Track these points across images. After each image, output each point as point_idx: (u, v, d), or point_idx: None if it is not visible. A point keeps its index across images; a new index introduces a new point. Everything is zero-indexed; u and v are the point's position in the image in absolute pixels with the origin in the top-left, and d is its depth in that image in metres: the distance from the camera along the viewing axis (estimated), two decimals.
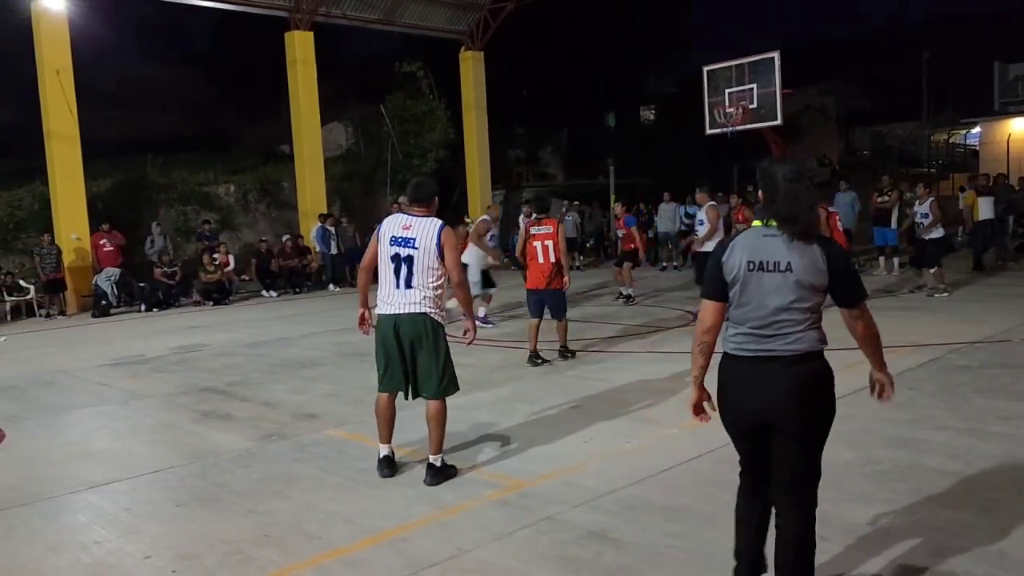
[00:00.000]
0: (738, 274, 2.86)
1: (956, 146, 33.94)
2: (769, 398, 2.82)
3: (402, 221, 4.77)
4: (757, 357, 2.85)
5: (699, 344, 3.01)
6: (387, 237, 4.76)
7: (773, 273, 2.81)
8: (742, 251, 2.86)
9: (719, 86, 15.50)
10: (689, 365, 3.12)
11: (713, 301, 2.95)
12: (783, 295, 2.80)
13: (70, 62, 15.66)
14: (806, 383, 2.81)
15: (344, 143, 25.36)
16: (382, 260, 4.78)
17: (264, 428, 6.24)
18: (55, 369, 9.46)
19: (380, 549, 3.86)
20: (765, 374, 2.83)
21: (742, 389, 2.89)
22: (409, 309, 4.73)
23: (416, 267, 4.68)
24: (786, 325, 2.81)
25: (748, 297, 2.86)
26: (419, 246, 4.69)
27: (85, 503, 4.74)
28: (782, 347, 2.81)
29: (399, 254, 4.72)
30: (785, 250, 2.80)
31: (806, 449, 2.87)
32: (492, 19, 22.10)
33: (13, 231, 16.79)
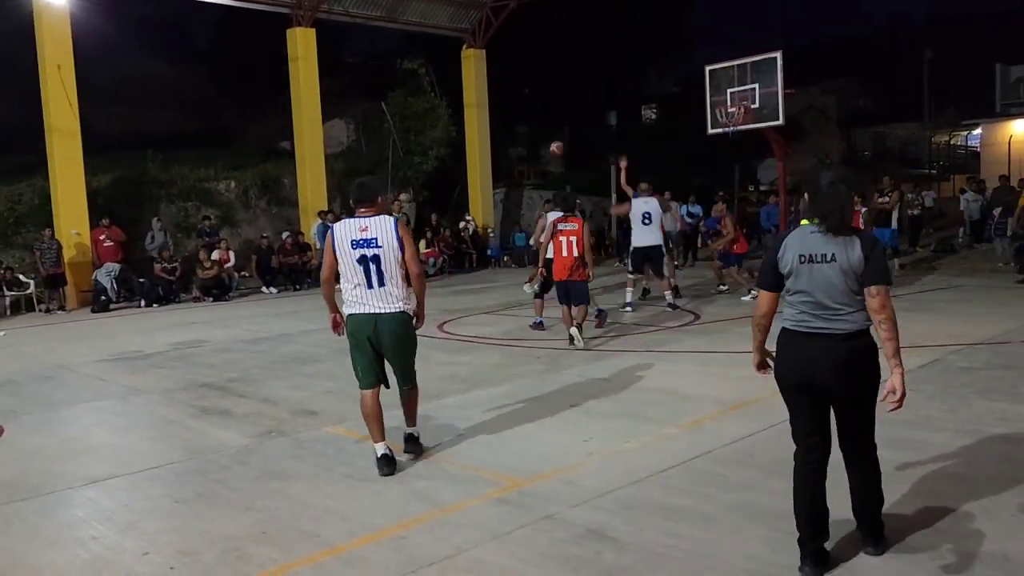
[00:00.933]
0: (792, 267, 3.37)
1: (957, 147, 33.91)
2: (825, 367, 3.32)
3: (357, 224, 4.89)
4: (814, 333, 3.35)
5: (756, 324, 3.59)
6: (346, 242, 4.86)
7: (822, 264, 3.32)
8: (794, 248, 3.39)
9: (721, 86, 15.46)
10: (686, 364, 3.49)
11: (768, 292, 3.51)
12: (836, 282, 3.30)
13: (71, 57, 15.66)
14: (857, 356, 3.33)
15: (345, 140, 25.35)
16: (346, 265, 4.87)
17: (263, 425, 6.23)
18: (54, 364, 9.45)
19: (378, 547, 3.85)
20: (822, 347, 3.33)
21: (801, 356, 3.39)
22: (389, 308, 4.90)
23: (384, 265, 4.85)
24: (842, 308, 3.31)
25: (803, 285, 3.36)
26: (382, 244, 4.84)
27: (83, 498, 4.74)
28: (836, 326, 3.32)
29: (365, 255, 4.83)
30: (829, 243, 3.31)
31: (860, 409, 3.42)
32: (494, 17, 22.08)
33: (13, 226, 16.79)
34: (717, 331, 9.65)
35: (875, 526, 3.53)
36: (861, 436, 3.48)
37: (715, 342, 8.88)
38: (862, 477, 3.50)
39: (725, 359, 7.92)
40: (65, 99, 15.53)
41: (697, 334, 9.58)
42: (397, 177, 22.96)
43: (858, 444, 3.48)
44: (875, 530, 3.53)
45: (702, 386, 6.84)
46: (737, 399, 6.26)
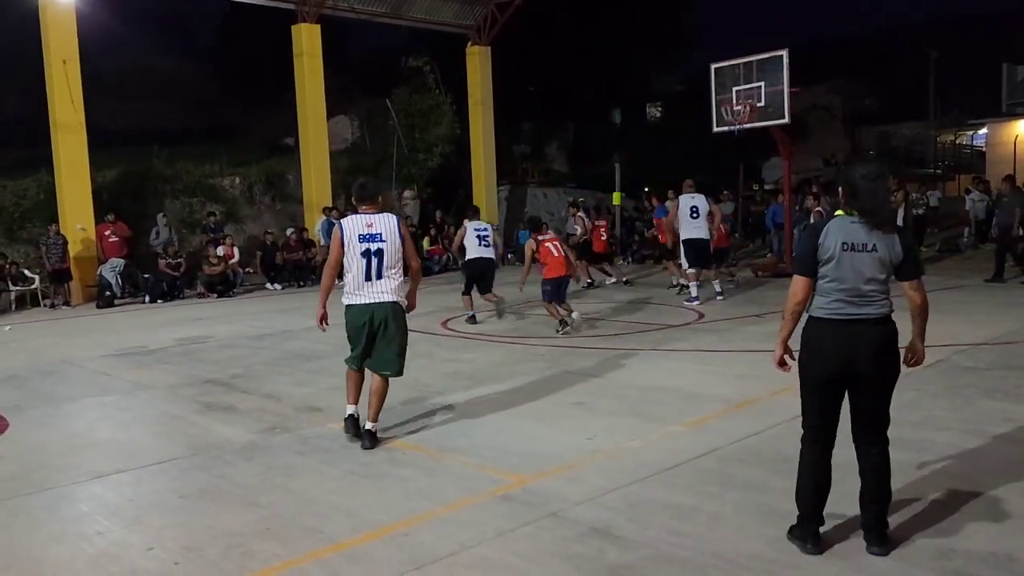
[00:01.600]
0: (834, 253, 3.47)
1: (963, 147, 33.80)
2: (862, 351, 3.46)
3: (364, 220, 5.31)
4: (851, 320, 3.48)
5: (791, 311, 3.61)
6: (355, 236, 5.26)
7: (863, 253, 3.46)
8: (836, 234, 3.49)
9: (726, 84, 15.43)
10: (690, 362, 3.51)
11: (805, 277, 3.56)
12: (871, 270, 3.46)
13: (77, 52, 15.65)
14: (888, 339, 3.51)
15: (350, 137, 25.34)
16: (352, 257, 5.27)
17: (267, 421, 6.24)
18: (59, 359, 9.47)
19: (381, 544, 3.85)
20: (858, 333, 3.48)
21: (836, 344, 3.50)
22: (381, 299, 5.29)
23: (385, 259, 5.25)
24: (873, 294, 3.48)
25: (843, 272, 3.47)
26: (386, 239, 5.26)
27: (88, 493, 4.74)
28: (871, 311, 3.49)
29: (369, 249, 5.24)
30: (871, 235, 3.46)
31: (883, 395, 3.57)
32: (499, 14, 22.04)
33: (19, 221, 16.83)
34: (722, 329, 9.64)
35: (881, 523, 3.58)
36: (878, 427, 3.60)
37: (720, 340, 8.87)
38: (875, 470, 3.58)
39: (730, 357, 7.91)
40: (71, 94, 15.52)
41: (701, 332, 9.57)
42: (401, 174, 22.96)
43: (874, 435, 3.60)
44: (880, 528, 3.57)
45: (707, 384, 6.83)
46: (742, 397, 6.25)
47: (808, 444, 3.65)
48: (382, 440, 5.45)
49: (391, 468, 4.95)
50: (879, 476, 3.59)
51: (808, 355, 3.58)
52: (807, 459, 3.64)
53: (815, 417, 3.62)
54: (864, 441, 3.61)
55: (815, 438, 3.62)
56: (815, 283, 3.54)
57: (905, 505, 4.00)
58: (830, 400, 3.58)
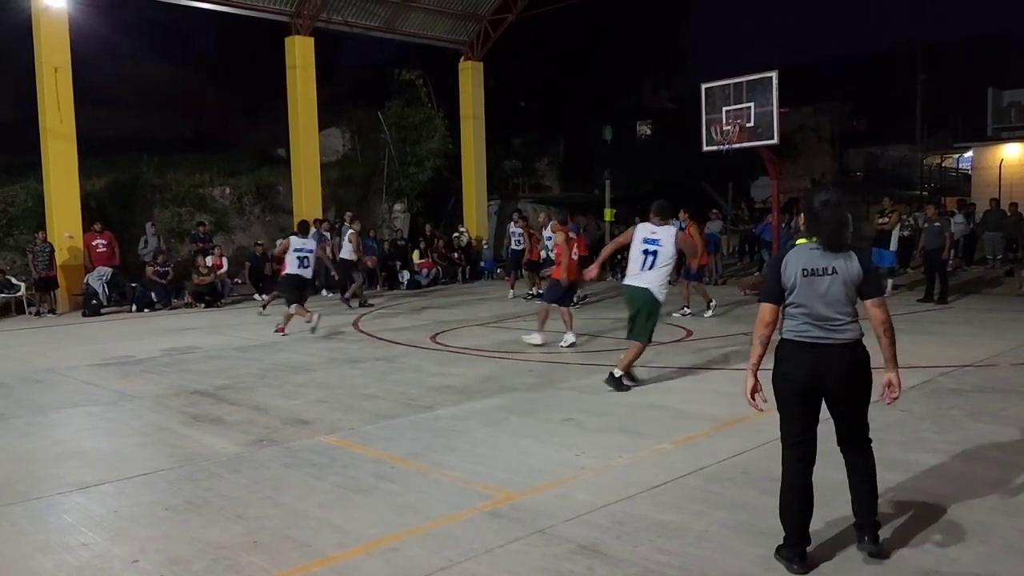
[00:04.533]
0: (795, 280, 3.60)
1: (949, 170, 34.13)
2: (830, 375, 3.56)
3: (651, 228, 7.42)
4: (817, 343, 3.58)
5: (759, 337, 3.71)
6: (641, 237, 7.38)
7: (823, 277, 3.56)
8: (795, 263, 3.61)
9: (716, 103, 15.56)
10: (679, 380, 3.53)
11: (769, 304, 3.69)
12: (832, 293, 3.55)
13: (69, 60, 15.62)
14: (857, 363, 3.58)
15: (341, 149, 25.36)
16: (636, 250, 7.36)
17: (254, 433, 6.21)
18: (44, 367, 9.40)
19: (369, 558, 3.84)
20: (827, 358, 3.56)
21: (804, 366, 3.59)
22: (643, 284, 7.30)
23: (658, 259, 7.27)
24: (839, 318, 3.56)
25: (805, 297, 3.59)
26: (662, 244, 7.27)
27: (73, 504, 4.70)
28: (838, 337, 3.56)
29: (647, 249, 7.30)
30: (828, 258, 3.57)
31: (859, 410, 3.69)
32: (492, 30, 22.19)
33: (6, 228, 16.72)
34: (710, 348, 9.68)
35: (873, 522, 3.70)
36: (859, 433, 3.74)
37: (708, 359, 8.90)
38: (860, 473, 3.72)
39: (718, 376, 7.94)
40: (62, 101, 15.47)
41: (690, 351, 9.60)
42: (392, 187, 22.98)
43: (856, 440, 3.74)
44: (872, 527, 3.69)
45: (695, 402, 6.86)
46: (730, 416, 6.27)
47: (790, 462, 3.70)
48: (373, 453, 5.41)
49: (379, 482, 4.94)
50: (866, 477, 3.72)
51: (778, 375, 3.69)
52: (790, 477, 3.69)
53: (793, 434, 3.69)
54: (848, 447, 3.76)
55: (796, 455, 3.68)
56: (782, 309, 3.69)
57: (891, 526, 4.02)
58: (804, 414, 3.66)
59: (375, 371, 8.69)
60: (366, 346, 10.58)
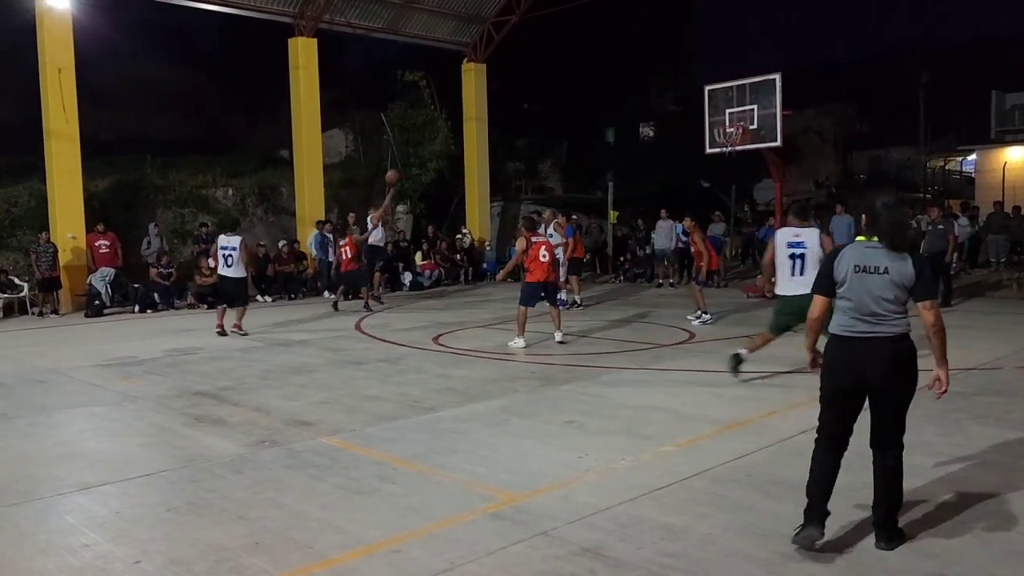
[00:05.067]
0: (846, 275, 3.77)
1: (952, 172, 34.10)
2: (873, 368, 3.70)
3: (793, 231, 7.38)
4: (863, 337, 3.73)
5: (810, 328, 4.04)
6: (784, 242, 7.33)
7: (874, 275, 3.73)
8: (849, 259, 3.79)
9: (720, 106, 15.57)
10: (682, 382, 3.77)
11: (823, 296, 3.91)
12: (882, 290, 3.70)
13: (72, 61, 15.64)
14: (900, 356, 3.72)
15: (344, 150, 25.37)
16: (782, 256, 7.34)
17: (256, 434, 6.20)
18: (47, 368, 9.40)
19: (371, 560, 3.82)
20: (870, 350, 3.71)
21: (850, 360, 3.75)
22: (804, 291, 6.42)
23: (807, 261, 7.15)
24: (886, 314, 3.71)
25: (854, 292, 3.75)
26: (808, 247, 7.18)
27: (75, 505, 4.70)
28: (883, 330, 3.71)
29: (794, 253, 7.25)
30: (883, 258, 3.73)
31: (898, 407, 3.79)
32: (495, 32, 22.19)
33: (9, 228, 16.73)
34: (713, 350, 9.65)
35: (889, 522, 3.82)
36: (892, 434, 3.83)
37: (711, 361, 8.88)
38: (887, 474, 3.83)
39: (721, 378, 7.92)
40: (65, 102, 15.48)
41: (693, 353, 9.58)
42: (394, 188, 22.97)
43: (888, 442, 3.83)
44: (888, 527, 3.81)
45: (698, 405, 6.84)
46: (733, 418, 6.25)
47: (821, 448, 3.90)
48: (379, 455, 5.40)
49: (381, 484, 4.93)
50: (891, 480, 3.83)
51: (825, 369, 3.87)
52: (818, 461, 3.88)
53: (830, 426, 3.88)
54: (881, 447, 3.86)
55: (829, 445, 3.88)
56: (832, 302, 3.89)
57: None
58: (844, 411, 3.83)
59: (377, 373, 8.68)
60: (368, 348, 10.57)
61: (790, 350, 9.41)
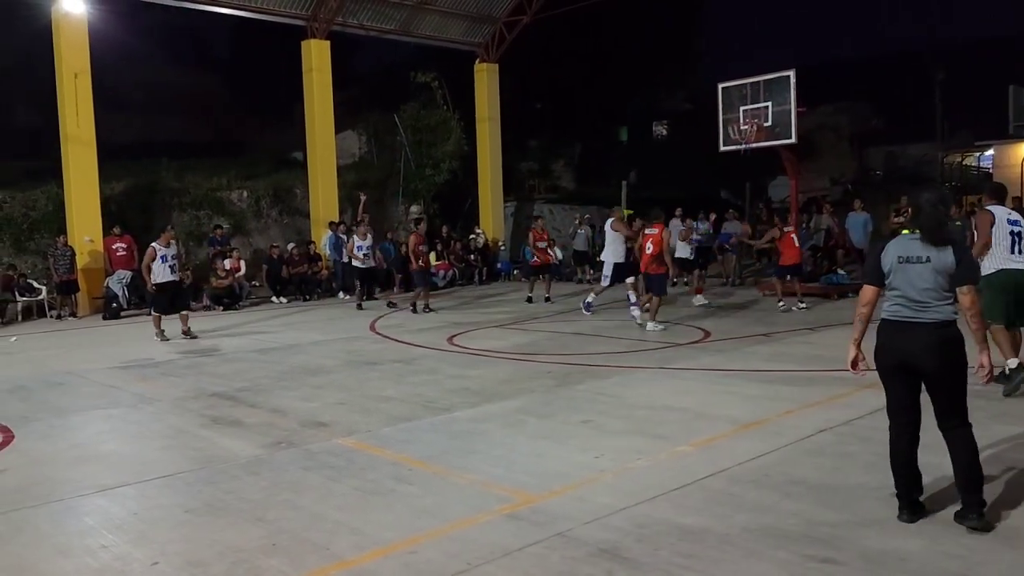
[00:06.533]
0: (892, 266, 4.05)
1: (970, 168, 33.76)
2: (918, 351, 3.95)
3: (1005, 210, 7.33)
4: (908, 322, 4.00)
5: (859, 316, 4.20)
6: (1004, 218, 7.14)
7: (917, 264, 3.98)
8: (894, 251, 4.06)
9: (734, 103, 15.48)
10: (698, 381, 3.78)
11: (872, 286, 4.16)
12: (925, 280, 3.95)
13: (88, 65, 15.78)
14: (945, 340, 3.93)
15: (357, 151, 25.44)
16: (1002, 232, 7.06)
17: (273, 435, 6.22)
18: (65, 370, 9.48)
19: (387, 561, 3.82)
20: (916, 335, 3.96)
21: (898, 341, 4.02)
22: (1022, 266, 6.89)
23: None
24: (930, 301, 3.94)
25: (899, 281, 4.02)
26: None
27: (93, 506, 4.73)
28: (927, 316, 3.95)
29: (1014, 230, 7.07)
30: (926, 248, 3.96)
31: (952, 389, 4.01)
32: (507, 32, 22.19)
33: (27, 232, 16.89)
34: (729, 349, 9.60)
35: (977, 500, 3.93)
36: (952, 413, 4.01)
37: (727, 360, 8.83)
38: (960, 451, 3.98)
39: (738, 377, 7.88)
40: (81, 107, 15.61)
41: (708, 351, 9.53)
42: (408, 189, 23.02)
43: (951, 420, 4.01)
44: (977, 504, 3.92)
45: (715, 404, 6.79)
46: (751, 418, 6.21)
47: (894, 434, 4.16)
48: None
49: (397, 485, 4.93)
50: (964, 459, 3.97)
51: (877, 350, 4.11)
52: (893, 445, 4.14)
53: (891, 402, 4.15)
54: (944, 427, 4.05)
55: (895, 424, 4.13)
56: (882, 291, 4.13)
57: (917, 529, 3.95)
58: (899, 387, 4.08)
59: (392, 373, 8.69)
60: (383, 348, 10.59)
61: (806, 348, 9.36)
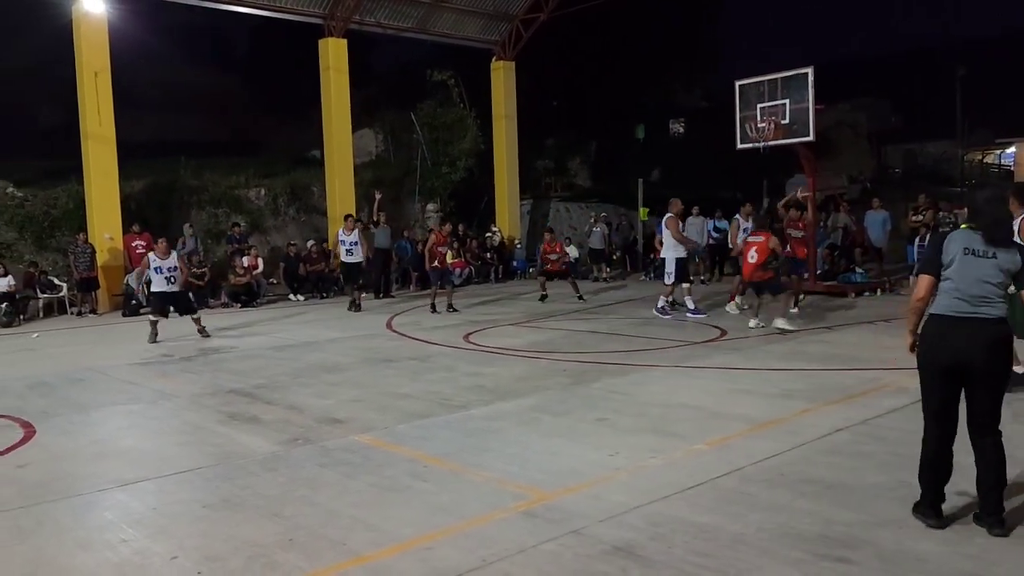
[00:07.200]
0: (954, 257, 3.93)
1: (990, 166, 33.44)
2: (974, 347, 3.85)
3: None
4: (965, 317, 3.88)
5: (914, 308, 4.11)
6: None
7: (983, 259, 3.90)
8: (958, 242, 3.95)
9: (751, 101, 15.39)
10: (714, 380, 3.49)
11: (929, 276, 4.03)
12: (987, 274, 3.88)
13: (108, 65, 15.92)
14: (999, 339, 3.90)
15: (374, 150, 25.53)
16: None
17: (290, 432, 6.26)
18: (85, 367, 9.58)
19: (404, 557, 3.85)
20: (972, 330, 3.86)
21: (951, 339, 3.90)
22: None
23: None
24: (989, 297, 3.88)
25: (961, 274, 3.91)
26: None
27: (113, 501, 4.79)
28: (985, 311, 3.88)
29: None
30: (988, 245, 3.91)
31: (996, 389, 3.93)
32: (524, 30, 22.19)
33: (48, 229, 17.08)
34: (744, 347, 9.57)
35: (997, 509, 3.86)
36: (990, 415, 3.94)
37: (743, 359, 8.81)
38: (988, 459, 3.91)
39: (753, 376, 7.85)
40: (102, 105, 15.77)
41: (724, 350, 9.50)
42: (425, 187, 23.09)
43: (987, 423, 3.93)
44: (998, 512, 3.86)
45: (730, 403, 6.78)
46: (766, 417, 6.20)
47: (929, 431, 4.03)
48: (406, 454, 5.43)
49: (413, 482, 4.96)
50: (993, 465, 3.91)
51: (925, 347, 4.01)
52: (926, 440, 4.03)
53: (930, 402, 4.02)
54: (977, 433, 3.95)
55: (933, 425, 4.01)
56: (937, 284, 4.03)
57: (923, 534, 3.94)
58: (945, 387, 3.97)
59: (408, 371, 8.73)
60: (399, 346, 10.63)
61: (822, 347, 9.31)
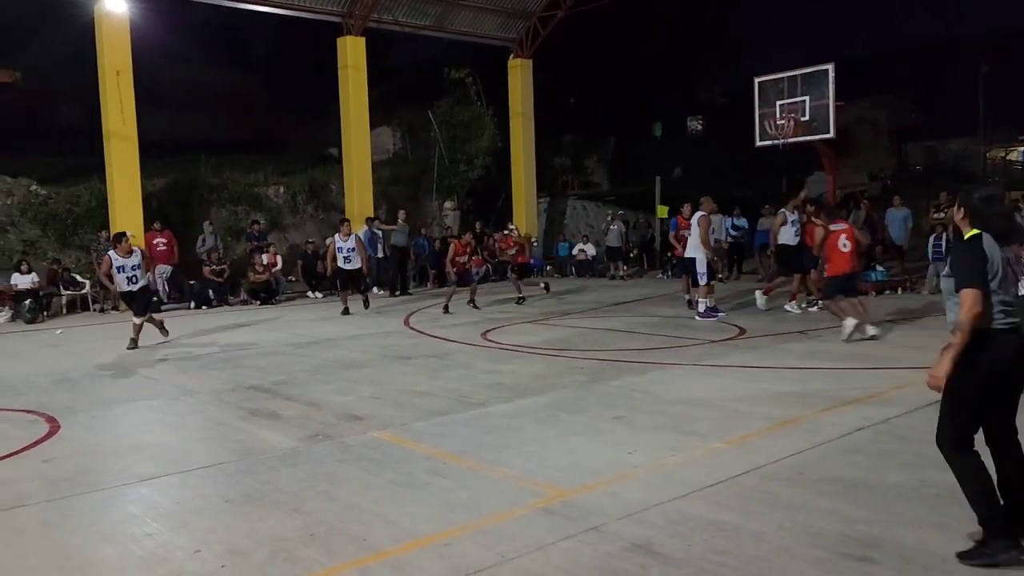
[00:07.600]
0: (998, 267, 3.69)
1: (1013, 163, 33.05)
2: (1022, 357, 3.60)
3: None
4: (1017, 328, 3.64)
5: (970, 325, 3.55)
6: None
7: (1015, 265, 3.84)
8: (995, 251, 3.69)
9: (770, 98, 15.34)
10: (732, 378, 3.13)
11: (982, 290, 3.59)
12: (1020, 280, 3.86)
13: (130, 63, 16.07)
14: None
15: (392, 147, 25.64)
16: None
17: (310, 428, 6.31)
18: (108, 362, 9.70)
19: (423, 553, 3.87)
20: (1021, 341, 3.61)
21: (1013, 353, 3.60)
22: None
23: None
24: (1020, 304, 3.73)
25: (1006, 284, 3.71)
26: None
27: (137, 495, 4.85)
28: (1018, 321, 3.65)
29: None
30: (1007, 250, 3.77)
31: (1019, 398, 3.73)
32: (542, 27, 22.17)
33: (71, 227, 17.30)
34: (763, 346, 9.53)
35: None
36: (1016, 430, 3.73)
37: (762, 357, 8.77)
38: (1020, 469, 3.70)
39: (773, 374, 7.82)
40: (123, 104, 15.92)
41: (743, 349, 9.46)
42: (442, 185, 23.15)
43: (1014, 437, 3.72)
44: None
45: (749, 401, 6.76)
46: (785, 415, 6.17)
47: (969, 453, 3.64)
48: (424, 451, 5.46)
49: (432, 478, 4.98)
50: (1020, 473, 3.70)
51: (987, 370, 3.58)
52: (977, 465, 3.62)
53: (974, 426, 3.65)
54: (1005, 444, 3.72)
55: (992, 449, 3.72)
56: None
57: (955, 528, 3.91)
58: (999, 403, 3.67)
59: (426, 368, 8.77)
60: (417, 343, 10.67)
61: (842, 347, 9.25)
